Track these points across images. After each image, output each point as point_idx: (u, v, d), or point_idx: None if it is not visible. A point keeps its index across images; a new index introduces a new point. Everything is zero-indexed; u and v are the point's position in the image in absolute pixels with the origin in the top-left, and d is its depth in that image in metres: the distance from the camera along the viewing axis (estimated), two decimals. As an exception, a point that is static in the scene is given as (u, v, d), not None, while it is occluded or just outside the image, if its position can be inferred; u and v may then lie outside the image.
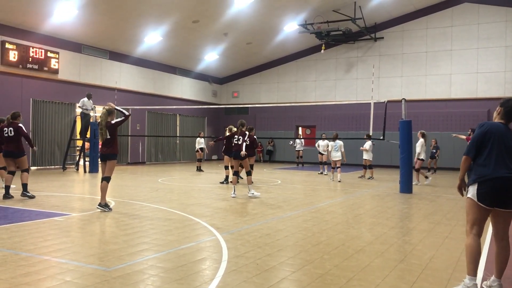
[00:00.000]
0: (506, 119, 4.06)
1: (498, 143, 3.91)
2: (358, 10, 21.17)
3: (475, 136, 4.01)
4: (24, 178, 9.54)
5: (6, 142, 9.68)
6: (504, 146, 3.91)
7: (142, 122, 23.59)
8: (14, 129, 9.61)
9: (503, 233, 3.97)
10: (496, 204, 3.86)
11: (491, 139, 3.93)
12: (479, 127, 4.06)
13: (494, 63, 22.12)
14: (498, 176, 3.83)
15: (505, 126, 4.01)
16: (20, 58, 17.33)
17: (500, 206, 3.87)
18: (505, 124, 4.03)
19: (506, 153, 3.90)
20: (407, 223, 7.54)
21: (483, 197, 3.86)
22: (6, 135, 9.64)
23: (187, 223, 7.03)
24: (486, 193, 3.85)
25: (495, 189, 3.83)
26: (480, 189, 3.87)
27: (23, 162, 9.71)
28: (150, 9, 17.95)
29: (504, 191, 3.82)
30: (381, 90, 24.15)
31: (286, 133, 27.15)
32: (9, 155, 9.67)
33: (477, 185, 3.90)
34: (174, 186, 12.79)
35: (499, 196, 3.84)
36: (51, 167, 18.74)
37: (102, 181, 8.11)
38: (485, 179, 3.86)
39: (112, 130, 8.17)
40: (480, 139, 3.97)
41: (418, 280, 4.33)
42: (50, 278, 4.20)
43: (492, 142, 3.92)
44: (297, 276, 4.41)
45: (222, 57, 25.40)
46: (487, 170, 3.88)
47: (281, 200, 10.08)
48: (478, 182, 3.89)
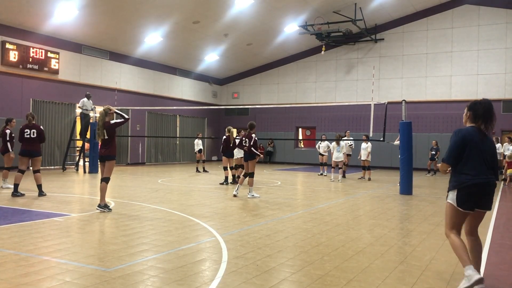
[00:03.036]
0: (481, 122, 4.15)
1: (475, 149, 4.05)
2: (359, 11, 21.19)
3: (453, 143, 4.11)
4: (39, 179, 9.88)
5: (27, 142, 9.90)
6: (479, 150, 4.05)
7: (142, 123, 23.59)
8: (38, 132, 9.96)
9: (474, 229, 4.23)
10: (475, 207, 4.07)
11: (468, 145, 4.06)
12: (455, 134, 4.15)
13: (494, 65, 22.13)
14: (476, 182, 4.00)
15: (478, 130, 4.13)
16: (20, 58, 17.34)
17: (478, 208, 4.09)
18: (477, 127, 4.15)
19: (482, 158, 4.06)
20: (407, 225, 7.53)
21: (462, 202, 4.04)
22: (28, 136, 9.87)
23: (187, 223, 7.02)
24: (465, 199, 4.03)
25: (473, 195, 4.02)
26: (460, 195, 4.04)
27: (38, 161, 10.05)
28: (151, 10, 17.95)
29: (482, 195, 4.04)
30: (381, 91, 24.16)
31: (286, 134, 27.15)
32: (27, 154, 9.91)
33: (456, 191, 4.07)
34: (174, 186, 12.78)
35: (477, 200, 4.05)
36: (51, 167, 18.73)
37: (101, 182, 8.11)
38: (464, 186, 4.03)
39: (110, 131, 8.14)
40: (457, 147, 4.09)
41: (418, 282, 4.33)
42: (50, 278, 4.19)
43: (469, 148, 4.06)
44: (297, 277, 4.40)
45: (222, 58, 25.41)
46: (466, 177, 4.03)
47: (281, 201, 10.07)
48: (458, 189, 4.06)
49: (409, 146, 12.17)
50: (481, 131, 4.13)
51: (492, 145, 4.19)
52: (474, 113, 4.18)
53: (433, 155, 20.07)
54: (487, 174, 4.05)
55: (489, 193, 4.07)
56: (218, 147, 27.86)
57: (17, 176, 9.83)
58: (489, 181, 4.04)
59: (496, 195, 12.10)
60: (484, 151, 4.07)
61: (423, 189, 13.36)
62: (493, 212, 8.98)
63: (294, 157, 27.00)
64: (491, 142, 4.21)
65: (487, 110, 4.14)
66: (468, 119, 4.23)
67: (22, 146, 9.99)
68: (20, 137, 10.01)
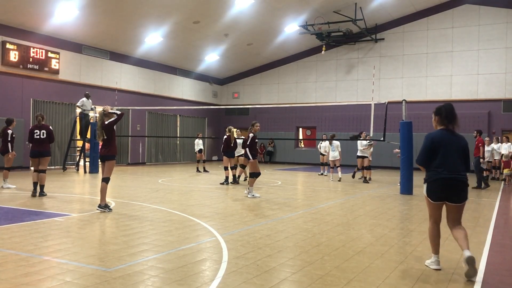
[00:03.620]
0: (447, 122, 4.70)
1: (443, 149, 4.60)
2: (359, 11, 21.18)
3: (423, 147, 4.72)
4: (43, 179, 9.91)
5: (37, 143, 9.92)
6: (447, 150, 4.59)
7: (143, 123, 23.60)
8: (47, 132, 9.99)
9: (455, 221, 4.72)
10: (443, 199, 4.64)
11: (436, 147, 4.63)
12: (425, 138, 4.74)
13: (494, 65, 22.13)
14: (441, 177, 4.57)
15: (447, 132, 4.68)
16: (21, 59, 17.35)
17: (448, 201, 4.63)
18: (446, 129, 4.69)
19: (449, 156, 4.59)
20: (407, 225, 7.53)
21: (431, 194, 4.71)
22: (38, 137, 9.90)
23: (187, 224, 7.03)
24: (433, 192, 4.68)
25: (439, 188, 4.61)
26: (429, 188, 4.70)
27: (47, 161, 10.10)
28: (151, 10, 17.96)
29: (446, 189, 4.58)
30: (381, 91, 24.16)
31: (287, 134, 27.15)
32: (38, 155, 9.93)
33: (426, 185, 4.73)
34: (174, 186, 12.78)
35: (443, 193, 4.61)
36: (52, 167, 18.72)
37: (101, 182, 8.10)
38: (431, 180, 4.66)
39: (107, 131, 8.09)
40: (426, 150, 4.69)
41: (418, 282, 4.33)
42: (50, 278, 4.20)
43: (438, 148, 4.62)
44: (297, 277, 4.40)
45: (222, 58, 25.41)
46: (433, 172, 4.64)
47: (281, 201, 10.07)
48: (427, 183, 4.71)
49: (410, 146, 12.16)
50: (449, 132, 4.67)
51: (462, 144, 4.67)
52: (440, 117, 4.74)
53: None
54: (454, 171, 4.55)
55: (455, 188, 4.55)
56: (218, 147, 27.90)
57: (34, 176, 9.91)
58: (454, 177, 4.53)
59: (496, 195, 12.10)
60: (452, 150, 4.60)
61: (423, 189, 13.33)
62: (493, 212, 8.98)
63: (294, 157, 27.00)
64: (462, 141, 4.69)
65: (450, 112, 4.69)
66: (437, 123, 4.79)
67: (32, 147, 10.02)
68: (29, 138, 10.04)
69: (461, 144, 4.67)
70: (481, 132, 14.35)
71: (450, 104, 4.77)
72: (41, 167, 9.94)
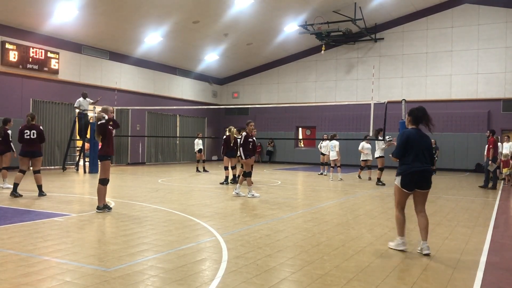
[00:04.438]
0: (416, 123, 5.47)
1: (415, 145, 5.34)
2: (358, 11, 21.17)
3: (400, 143, 5.43)
4: (39, 179, 9.87)
5: (27, 143, 9.87)
6: (417, 146, 5.34)
7: (142, 123, 23.60)
8: (37, 132, 9.92)
9: (421, 207, 5.50)
10: (415, 188, 5.38)
11: (410, 143, 5.35)
12: (401, 135, 5.46)
13: (494, 64, 22.13)
14: (414, 170, 5.32)
15: (417, 131, 5.46)
16: (20, 59, 17.34)
17: (418, 188, 5.39)
18: (417, 129, 5.47)
19: (420, 152, 5.34)
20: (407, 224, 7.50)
21: (405, 184, 5.39)
22: (28, 137, 9.83)
23: (187, 223, 7.03)
24: (407, 182, 5.37)
25: (413, 179, 5.34)
26: (403, 180, 5.38)
27: (39, 162, 10.04)
28: (151, 10, 17.95)
29: (419, 179, 5.34)
30: (381, 91, 24.16)
31: (287, 134, 27.16)
32: (28, 155, 9.88)
33: (401, 177, 5.40)
34: (174, 186, 12.78)
35: (416, 183, 5.36)
36: (51, 167, 18.74)
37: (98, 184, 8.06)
38: (406, 173, 5.35)
39: (100, 131, 7.98)
40: (403, 145, 5.39)
41: (418, 281, 4.33)
42: (50, 278, 4.20)
43: (411, 145, 5.35)
44: (297, 277, 4.40)
45: (222, 57, 25.41)
46: (407, 166, 5.35)
47: (281, 200, 10.07)
48: (402, 175, 5.38)
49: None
50: (419, 131, 5.46)
51: (428, 141, 5.46)
52: (413, 117, 5.48)
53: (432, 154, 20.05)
54: (423, 164, 5.34)
55: (425, 177, 5.36)
56: (218, 146, 27.89)
57: (17, 176, 9.82)
58: (424, 169, 5.34)
59: (496, 195, 12.11)
60: (422, 146, 5.36)
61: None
62: (493, 212, 8.99)
63: (294, 157, 27.00)
64: (428, 139, 5.46)
65: (423, 113, 5.44)
66: (410, 123, 5.53)
67: (22, 147, 9.96)
68: (19, 138, 9.96)
69: (428, 142, 5.46)
70: (494, 132, 14.09)
71: (422, 107, 5.51)
72: (34, 168, 9.89)
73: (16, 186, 9.73)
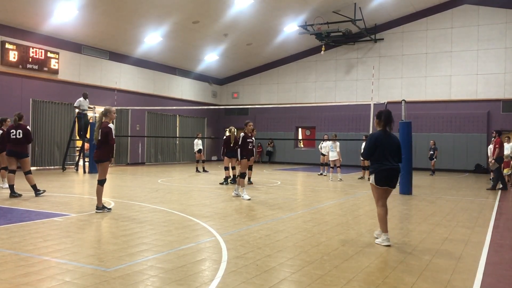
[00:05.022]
0: (384, 125, 5.92)
1: (383, 146, 5.83)
2: (358, 11, 21.17)
3: (368, 144, 5.93)
4: (31, 180, 9.78)
5: (13, 143, 9.81)
6: (386, 147, 5.84)
7: (142, 123, 23.59)
8: (23, 132, 9.79)
9: (386, 202, 6.02)
10: (386, 184, 5.89)
11: (378, 144, 5.84)
12: (370, 137, 5.99)
13: (494, 65, 22.14)
14: (384, 168, 5.82)
15: (385, 132, 5.92)
16: (20, 58, 17.33)
17: (388, 186, 5.92)
18: (384, 130, 5.92)
19: (388, 152, 5.84)
20: (406, 225, 7.54)
21: (378, 181, 5.88)
22: (14, 137, 9.77)
23: (186, 223, 7.03)
24: (380, 179, 5.86)
25: (384, 176, 5.84)
26: (376, 177, 5.87)
27: (26, 163, 9.92)
28: (151, 10, 17.95)
29: (389, 177, 5.85)
30: (381, 91, 24.17)
31: (286, 134, 27.15)
32: (13, 154, 9.83)
33: (374, 175, 5.89)
34: (174, 186, 12.78)
35: (387, 180, 5.86)
36: (51, 167, 18.73)
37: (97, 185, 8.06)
38: (378, 171, 5.85)
39: (103, 134, 7.93)
40: (372, 147, 5.88)
41: (417, 282, 4.33)
42: (50, 278, 4.20)
43: (379, 146, 5.83)
44: (297, 277, 4.40)
45: (222, 57, 25.41)
46: (378, 165, 5.85)
47: (281, 201, 10.07)
48: (375, 173, 5.88)
49: (409, 146, 12.16)
50: (386, 132, 5.92)
51: (396, 141, 5.94)
52: (380, 120, 5.95)
53: (432, 154, 20.08)
54: (392, 162, 5.84)
55: (394, 175, 5.87)
56: (218, 147, 27.90)
57: (9, 178, 9.77)
58: (392, 167, 5.84)
59: (496, 195, 12.12)
60: (390, 147, 5.86)
61: (422, 189, 13.36)
62: (493, 212, 8.99)
63: (294, 157, 27.01)
64: (395, 139, 5.95)
65: (388, 116, 5.92)
66: (377, 125, 5.99)
67: (8, 146, 9.91)
68: (7, 138, 9.93)
69: (395, 142, 5.93)
70: (501, 133, 14.03)
71: (389, 111, 6.01)
72: (23, 170, 9.80)
73: (12, 187, 9.67)
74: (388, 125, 5.92)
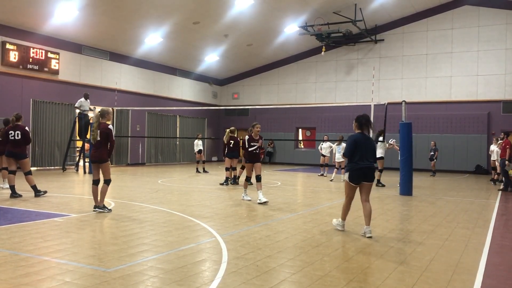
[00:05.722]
0: (361, 128, 6.51)
1: (360, 147, 6.38)
2: (359, 12, 21.18)
3: (348, 144, 6.48)
4: (31, 181, 9.77)
5: (11, 144, 9.83)
6: (362, 147, 6.38)
7: (142, 123, 23.59)
8: (21, 133, 9.80)
9: (366, 197, 6.49)
10: (360, 181, 6.41)
11: (356, 145, 6.40)
12: (349, 138, 6.51)
13: (494, 66, 22.14)
14: (360, 166, 6.35)
15: (362, 134, 6.51)
16: (21, 59, 17.34)
17: (364, 181, 6.42)
18: (362, 133, 6.51)
19: (365, 153, 6.38)
20: (407, 225, 7.53)
21: (352, 179, 6.44)
22: (12, 138, 9.78)
23: (187, 224, 7.02)
24: (354, 177, 6.42)
25: (358, 174, 6.39)
26: (350, 175, 6.44)
27: (26, 164, 9.91)
28: (151, 10, 17.96)
29: (364, 174, 6.39)
30: (381, 92, 24.17)
31: (286, 135, 27.15)
32: (12, 155, 9.84)
33: (349, 173, 6.46)
34: (174, 187, 12.78)
35: (361, 177, 6.40)
36: (51, 167, 18.73)
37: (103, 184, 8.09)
38: (353, 169, 6.40)
39: (103, 135, 7.97)
40: (351, 146, 6.43)
41: (418, 282, 4.33)
42: (50, 278, 4.19)
43: (356, 146, 6.39)
44: (297, 278, 4.40)
45: (222, 58, 25.41)
46: (354, 164, 6.39)
47: (281, 201, 10.07)
48: (350, 171, 6.45)
49: (409, 147, 12.16)
50: (363, 135, 6.51)
51: (371, 143, 6.56)
52: (358, 123, 6.55)
53: (432, 155, 20.07)
54: (367, 161, 6.37)
55: (369, 172, 6.40)
56: (218, 147, 27.91)
57: (10, 178, 9.79)
58: (368, 166, 6.37)
59: (496, 196, 12.11)
60: (366, 148, 6.40)
61: (423, 190, 13.36)
62: (493, 213, 8.99)
63: (294, 158, 27.00)
64: (371, 141, 6.58)
65: (366, 121, 6.51)
66: (356, 128, 6.58)
67: (7, 147, 9.95)
68: (6, 139, 9.97)
69: (372, 144, 6.55)
70: (509, 134, 13.96)
71: (366, 115, 6.62)
72: (23, 170, 9.81)
73: (13, 188, 9.69)
74: (366, 129, 6.52)
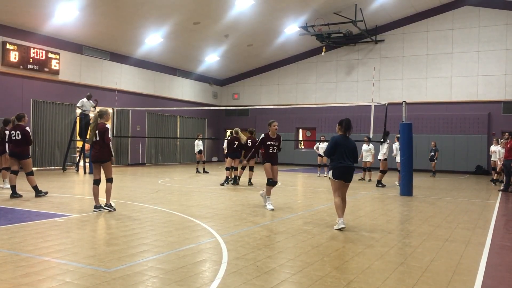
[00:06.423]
0: (344, 131, 7.06)
1: (342, 147, 6.93)
2: (359, 13, 21.18)
3: (331, 144, 7.00)
4: (32, 181, 9.79)
5: (13, 144, 9.87)
6: (344, 148, 6.92)
7: (143, 124, 23.59)
8: (22, 133, 9.81)
9: (344, 195, 7.05)
10: (342, 179, 6.94)
11: (338, 146, 6.94)
12: (331, 140, 7.05)
13: (494, 66, 22.14)
14: (341, 166, 6.90)
15: (344, 136, 7.06)
16: (21, 59, 17.34)
17: (344, 181, 6.98)
18: (344, 135, 7.07)
19: (345, 152, 6.92)
20: (407, 226, 7.53)
21: (335, 176, 6.95)
22: (14, 138, 9.81)
23: (187, 224, 7.03)
24: (337, 174, 6.94)
25: (340, 172, 6.91)
26: (334, 173, 6.96)
27: (28, 164, 9.92)
28: (151, 11, 17.96)
29: (345, 172, 6.93)
30: (381, 92, 24.16)
31: (287, 135, 27.14)
32: (14, 155, 9.89)
33: (332, 171, 6.99)
34: (174, 187, 12.78)
35: (342, 175, 6.93)
36: (51, 168, 18.74)
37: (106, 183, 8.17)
38: (335, 167, 6.93)
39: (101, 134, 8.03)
40: (333, 147, 6.98)
41: (418, 283, 4.33)
42: (50, 279, 4.20)
43: (338, 147, 6.93)
44: (297, 278, 4.40)
45: (222, 58, 25.42)
46: (336, 163, 6.93)
47: (281, 202, 10.07)
48: (333, 169, 6.98)
49: (409, 147, 12.15)
50: (345, 137, 7.07)
51: (352, 144, 7.04)
52: (341, 126, 7.11)
53: (432, 156, 20.06)
54: (347, 161, 6.90)
55: (349, 172, 6.94)
56: (218, 147, 27.92)
57: (11, 178, 9.83)
58: (348, 165, 6.90)
59: (496, 197, 12.11)
60: (347, 148, 6.94)
61: (423, 191, 13.35)
62: (493, 213, 8.99)
63: (294, 158, 26.99)
64: (352, 142, 7.06)
65: (348, 124, 7.10)
66: (339, 130, 7.13)
67: (9, 147, 10.07)
68: (8, 139, 10.05)
69: (352, 145, 7.04)
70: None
71: (348, 119, 7.18)
72: (25, 170, 9.84)
73: (13, 188, 9.71)
74: (347, 131, 7.06)
